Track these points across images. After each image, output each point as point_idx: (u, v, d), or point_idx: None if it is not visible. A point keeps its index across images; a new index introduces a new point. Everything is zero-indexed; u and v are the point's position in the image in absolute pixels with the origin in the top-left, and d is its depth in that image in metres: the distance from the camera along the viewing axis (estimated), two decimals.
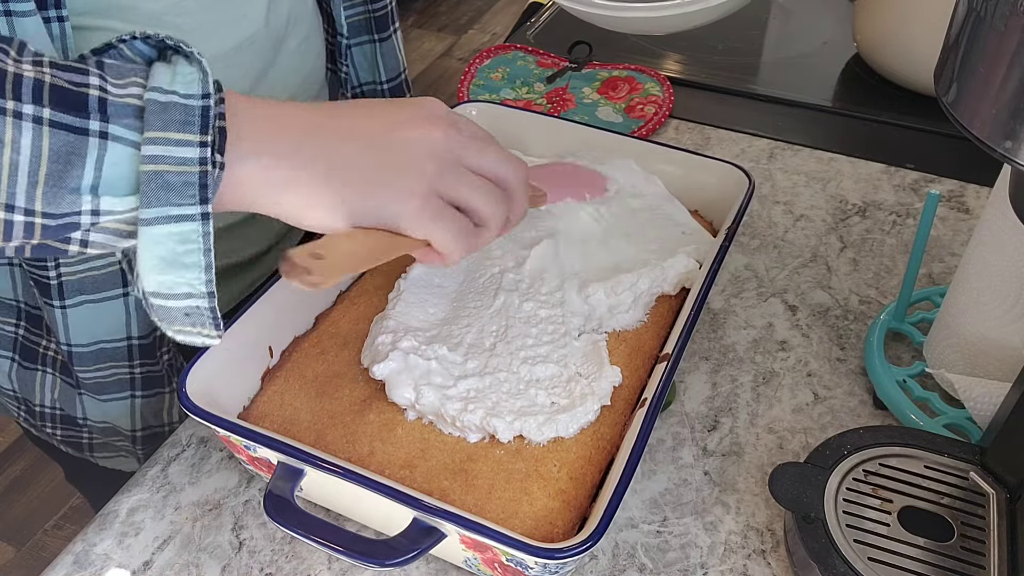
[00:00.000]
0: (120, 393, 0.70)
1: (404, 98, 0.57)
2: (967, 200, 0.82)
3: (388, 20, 0.79)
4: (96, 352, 0.66)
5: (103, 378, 0.68)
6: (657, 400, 0.52)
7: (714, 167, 0.71)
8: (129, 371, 0.69)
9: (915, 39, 0.90)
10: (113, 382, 0.69)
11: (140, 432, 0.73)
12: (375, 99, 0.50)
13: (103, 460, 0.79)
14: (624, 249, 0.66)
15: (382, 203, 0.48)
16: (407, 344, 0.57)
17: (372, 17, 0.78)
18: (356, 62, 0.80)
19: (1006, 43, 0.37)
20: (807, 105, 0.96)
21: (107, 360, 0.67)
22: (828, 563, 0.50)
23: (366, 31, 0.79)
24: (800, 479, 0.54)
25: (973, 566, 0.50)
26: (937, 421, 0.61)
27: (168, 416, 0.74)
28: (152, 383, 0.71)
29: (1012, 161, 0.39)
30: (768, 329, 0.70)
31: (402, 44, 0.83)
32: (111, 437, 0.75)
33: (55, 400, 0.72)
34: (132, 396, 0.71)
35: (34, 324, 0.69)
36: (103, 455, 0.78)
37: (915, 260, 0.63)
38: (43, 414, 0.74)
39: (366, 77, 0.82)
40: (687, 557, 0.56)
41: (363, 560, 0.47)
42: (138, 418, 0.72)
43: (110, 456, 0.78)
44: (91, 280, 0.62)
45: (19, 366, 0.71)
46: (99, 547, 0.58)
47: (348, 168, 0.47)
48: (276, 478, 0.51)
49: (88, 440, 0.76)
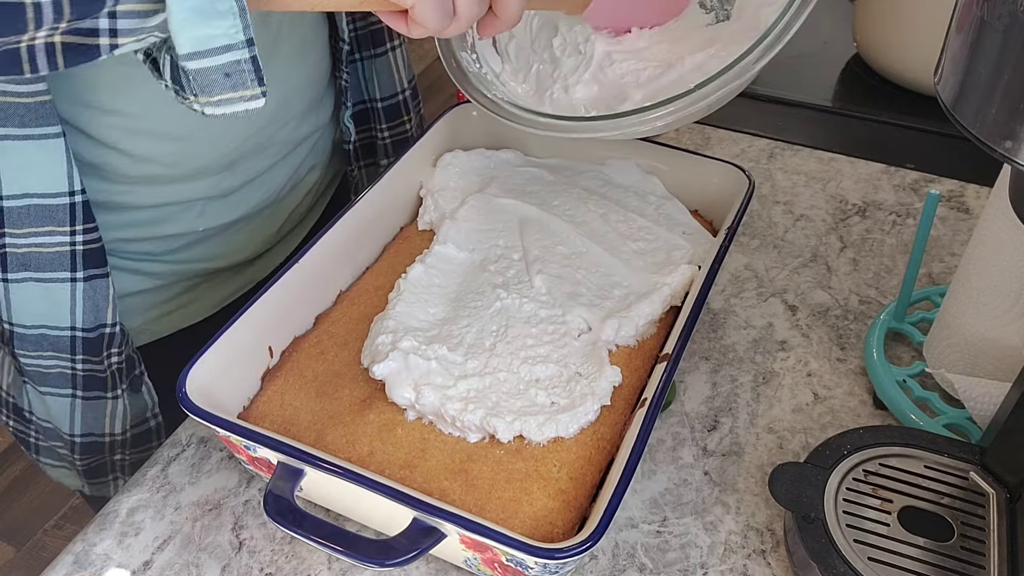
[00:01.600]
0: (61, 389, 0.68)
1: None
2: (967, 200, 0.82)
3: (383, 36, 0.78)
4: (38, 337, 0.64)
5: (44, 368, 0.66)
6: (657, 400, 0.52)
7: (714, 167, 0.71)
8: (71, 366, 0.66)
9: (915, 39, 0.90)
10: (55, 374, 0.67)
11: (79, 438, 0.71)
12: None
13: (48, 468, 0.77)
14: (626, 254, 0.66)
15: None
16: (407, 344, 0.57)
17: (369, 32, 0.78)
18: (364, 75, 0.79)
19: (1006, 43, 0.37)
20: (807, 105, 0.96)
21: (49, 348, 0.65)
22: (828, 563, 0.50)
23: (363, 46, 0.78)
24: (800, 479, 0.54)
25: (973, 566, 0.50)
26: (937, 421, 0.61)
27: (111, 426, 0.71)
28: (94, 384, 0.68)
29: (1012, 161, 0.39)
30: (768, 329, 0.70)
31: (403, 62, 0.81)
32: (53, 441, 0.72)
33: (9, 385, 0.71)
34: (73, 396, 0.68)
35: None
36: (48, 462, 0.76)
37: (915, 260, 0.63)
38: (2, 399, 0.72)
39: (357, 96, 0.81)
40: (687, 557, 0.56)
41: (363, 560, 0.47)
42: (78, 421, 0.70)
43: (54, 465, 0.76)
44: (37, 256, 0.61)
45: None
46: (99, 547, 0.58)
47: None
48: (276, 478, 0.51)
49: (35, 440, 0.74)
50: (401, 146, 0.84)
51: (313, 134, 0.78)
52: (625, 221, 0.69)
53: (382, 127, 0.82)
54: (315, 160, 0.80)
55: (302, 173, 0.79)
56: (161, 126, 0.64)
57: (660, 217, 0.70)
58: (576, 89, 0.63)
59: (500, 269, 0.64)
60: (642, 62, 0.63)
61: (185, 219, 0.71)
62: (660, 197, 0.72)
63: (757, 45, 0.54)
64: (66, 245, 0.61)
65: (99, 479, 0.76)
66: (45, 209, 0.59)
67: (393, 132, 0.83)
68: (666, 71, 0.61)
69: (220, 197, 0.72)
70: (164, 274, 0.71)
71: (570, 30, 0.65)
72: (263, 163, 0.73)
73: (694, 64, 0.60)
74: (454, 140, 0.77)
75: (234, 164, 0.70)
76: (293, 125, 0.74)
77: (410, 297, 0.62)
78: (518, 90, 0.66)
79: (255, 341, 0.59)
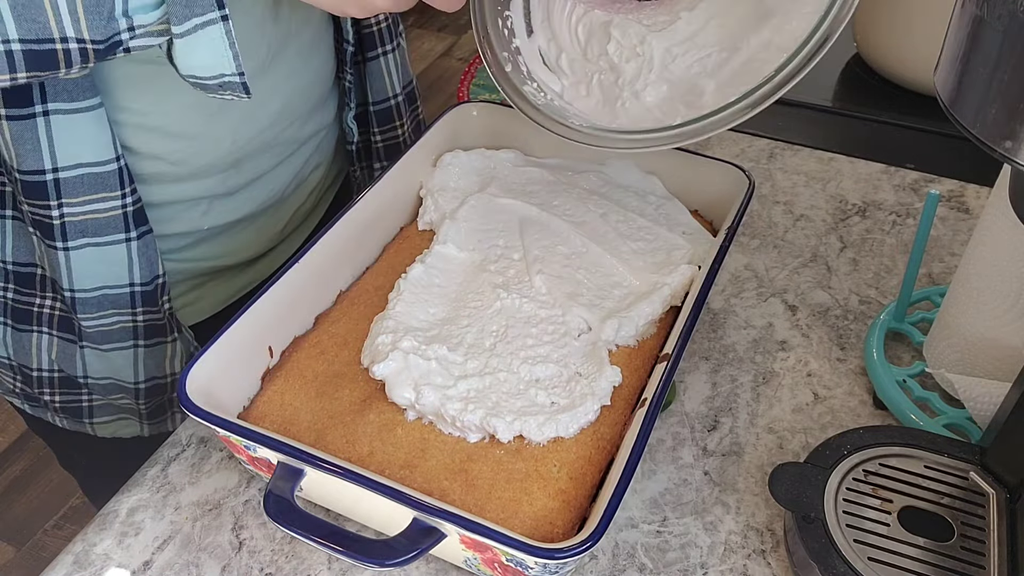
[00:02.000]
0: (123, 343, 0.70)
1: None
2: (967, 200, 0.82)
3: (374, 40, 0.78)
4: (99, 298, 0.67)
5: (106, 326, 0.69)
6: (657, 400, 0.52)
7: (714, 167, 0.71)
8: (132, 319, 0.69)
9: (915, 39, 0.90)
10: (117, 330, 0.69)
11: (144, 384, 0.74)
12: None
13: (102, 427, 0.79)
14: (626, 254, 0.66)
15: None
16: (407, 344, 0.57)
17: (368, 33, 0.77)
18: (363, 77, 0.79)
19: (1006, 43, 0.37)
20: (807, 105, 0.96)
21: (110, 307, 0.67)
22: (828, 563, 0.50)
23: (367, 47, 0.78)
24: (800, 479, 0.54)
25: (973, 566, 0.50)
26: (937, 421, 0.61)
27: (171, 367, 0.74)
28: (154, 332, 0.71)
29: (1012, 161, 0.39)
30: (768, 329, 0.70)
31: (396, 67, 0.81)
32: (113, 395, 0.75)
33: (53, 361, 0.73)
34: (135, 345, 0.71)
35: (24, 284, 0.70)
36: (103, 419, 0.78)
37: (915, 260, 0.63)
38: (40, 379, 0.74)
39: (360, 97, 0.81)
40: (687, 557, 0.56)
41: (363, 560, 0.47)
42: (141, 369, 0.73)
43: (110, 420, 0.78)
44: (93, 223, 0.63)
45: (12, 330, 0.72)
46: (99, 547, 0.58)
47: None
48: (276, 478, 0.51)
49: (88, 403, 0.76)
50: (393, 151, 0.84)
51: (318, 133, 0.78)
52: (625, 221, 0.69)
53: (375, 131, 0.83)
54: (319, 159, 0.81)
55: (306, 172, 0.79)
56: (169, 123, 0.65)
57: (660, 217, 0.70)
58: (646, 93, 0.62)
59: (500, 269, 0.64)
60: (703, 49, 0.61)
61: (190, 217, 0.71)
62: (660, 197, 0.72)
63: (824, 19, 0.53)
64: (118, 208, 0.64)
65: (159, 418, 0.79)
66: (97, 177, 0.62)
67: (385, 136, 0.83)
68: (732, 54, 0.60)
69: (225, 195, 0.72)
70: (169, 272, 0.72)
71: (624, 34, 0.64)
72: (269, 162, 0.73)
73: (761, 42, 0.58)
74: (454, 140, 0.77)
75: (240, 162, 0.71)
76: (298, 124, 0.74)
77: (410, 297, 0.62)
78: (586, 105, 0.64)
79: (255, 341, 0.59)
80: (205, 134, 0.67)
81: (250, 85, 0.54)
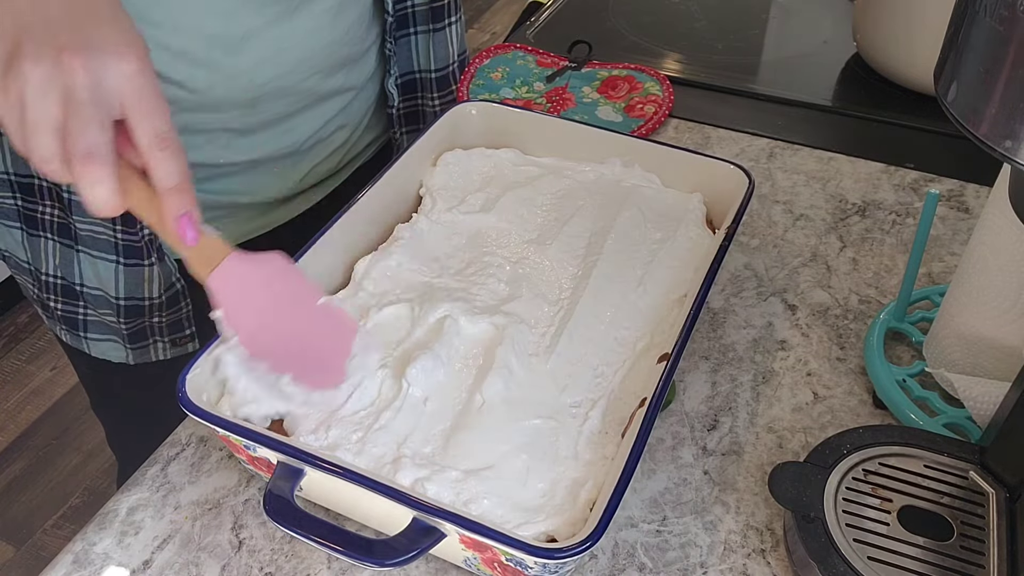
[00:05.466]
0: (107, 255, 0.73)
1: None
2: (967, 200, 0.82)
3: (444, 12, 0.82)
4: None
5: (96, 233, 0.72)
6: (657, 400, 0.52)
7: (714, 166, 0.71)
8: (112, 234, 0.72)
9: (915, 39, 0.90)
10: (103, 240, 0.72)
11: (123, 301, 0.76)
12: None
13: (94, 344, 0.81)
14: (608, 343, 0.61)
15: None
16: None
17: (431, 8, 0.81)
18: (418, 47, 0.83)
19: (1006, 43, 0.37)
20: (807, 105, 0.96)
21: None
22: (828, 562, 0.50)
23: (424, 21, 0.82)
24: (800, 478, 0.54)
25: (973, 565, 0.50)
26: (937, 420, 0.61)
27: (148, 290, 0.76)
28: (132, 252, 0.73)
29: (1012, 161, 0.39)
30: (768, 328, 0.70)
31: (459, 34, 0.85)
32: (102, 309, 0.77)
33: (56, 267, 0.76)
34: (116, 262, 0.74)
35: (28, 193, 0.73)
36: (95, 336, 0.81)
37: (915, 259, 0.63)
38: (47, 284, 0.78)
39: (408, 67, 0.84)
40: (687, 556, 0.56)
41: (363, 560, 0.47)
42: (121, 285, 0.75)
43: (100, 339, 0.81)
44: None
45: (27, 234, 0.76)
46: (99, 546, 0.58)
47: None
48: (276, 478, 0.51)
49: (83, 316, 0.79)
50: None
51: (343, 93, 0.80)
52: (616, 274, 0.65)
53: (433, 95, 0.87)
54: (345, 120, 0.83)
55: (329, 130, 0.82)
56: (192, 50, 0.67)
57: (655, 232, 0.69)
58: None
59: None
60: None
61: (209, 150, 0.74)
62: (658, 194, 0.71)
63: None
64: None
65: (141, 343, 0.81)
66: None
67: (443, 100, 0.88)
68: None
69: (242, 134, 0.75)
70: None
71: None
72: (285, 108, 0.76)
73: None
74: (454, 139, 0.77)
75: (256, 102, 0.73)
76: (319, 77, 0.76)
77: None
78: None
79: None
80: (224, 67, 0.69)
81: (272, 28, 0.54)
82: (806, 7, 1.14)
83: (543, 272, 0.65)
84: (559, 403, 0.56)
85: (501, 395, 0.56)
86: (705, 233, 0.68)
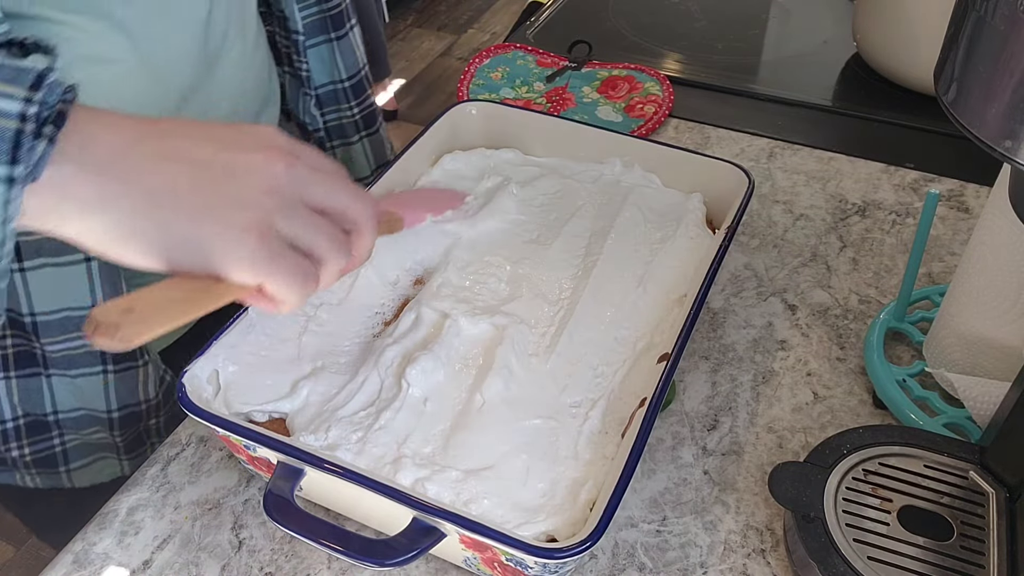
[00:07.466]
0: (92, 368, 0.68)
1: (242, 124, 0.52)
2: (967, 200, 0.82)
3: (344, 17, 0.80)
4: (62, 320, 0.64)
5: (72, 350, 0.66)
6: (657, 400, 0.52)
7: (714, 166, 0.71)
8: None
9: (915, 39, 0.90)
10: (83, 354, 0.67)
11: (117, 412, 0.71)
12: (213, 123, 0.45)
13: (80, 473, 0.75)
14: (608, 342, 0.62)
15: (209, 239, 0.42)
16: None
17: (328, 16, 0.79)
18: (312, 64, 0.80)
19: (1006, 43, 0.37)
20: (807, 105, 0.96)
21: (74, 329, 0.65)
22: (828, 562, 0.50)
23: (322, 31, 0.79)
24: (800, 478, 0.54)
25: (973, 565, 0.50)
26: (937, 420, 0.61)
27: (144, 392, 0.72)
28: (123, 357, 0.69)
29: (1012, 161, 0.39)
30: (768, 328, 0.70)
31: (360, 40, 0.84)
32: (86, 430, 0.72)
33: (16, 406, 0.69)
34: (104, 371, 0.68)
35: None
36: (80, 464, 0.74)
37: (915, 259, 0.63)
38: (5, 432, 0.70)
39: (323, 78, 0.82)
40: (687, 556, 0.56)
41: (363, 560, 0.47)
42: (113, 396, 0.70)
43: (87, 463, 0.75)
44: (49, 242, 0.61)
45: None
46: (99, 546, 0.58)
47: (174, 194, 0.41)
48: (276, 478, 0.51)
49: (61, 447, 0.73)
50: (371, 120, 0.87)
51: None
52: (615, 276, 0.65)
53: (351, 104, 0.85)
54: None
55: None
56: (107, 50, 0.61)
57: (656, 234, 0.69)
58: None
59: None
60: None
61: None
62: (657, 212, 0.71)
63: None
64: None
65: (138, 451, 0.76)
66: None
67: (362, 107, 0.86)
68: None
69: None
70: None
71: None
72: None
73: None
74: (454, 140, 0.77)
75: None
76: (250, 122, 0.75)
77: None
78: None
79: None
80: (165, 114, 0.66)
81: (191, 95, 0.54)
82: (806, 7, 1.14)
83: (543, 272, 0.65)
84: (559, 403, 0.56)
85: (501, 395, 0.56)
86: (705, 233, 0.68)
